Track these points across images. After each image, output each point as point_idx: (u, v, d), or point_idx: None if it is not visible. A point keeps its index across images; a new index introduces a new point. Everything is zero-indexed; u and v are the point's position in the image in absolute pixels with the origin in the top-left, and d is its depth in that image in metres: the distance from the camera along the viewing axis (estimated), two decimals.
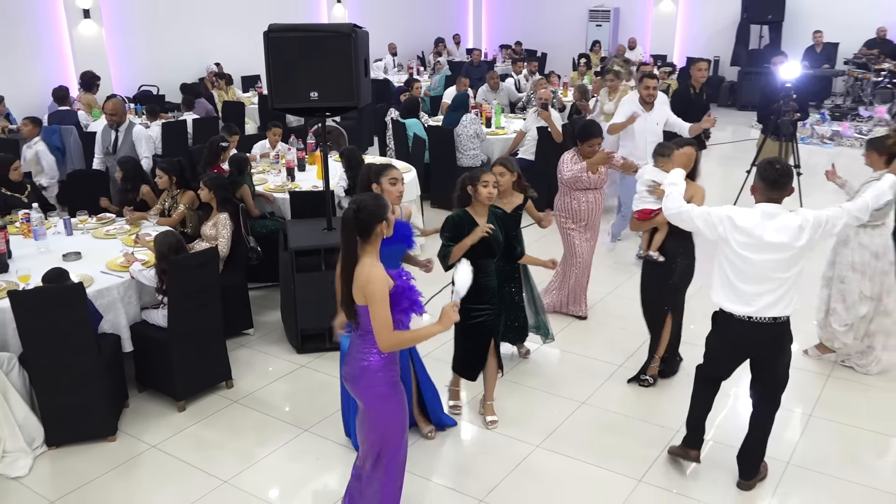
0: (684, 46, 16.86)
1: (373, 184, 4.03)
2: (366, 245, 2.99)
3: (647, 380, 4.83)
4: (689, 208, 3.67)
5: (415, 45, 17.24)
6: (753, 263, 3.45)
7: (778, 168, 3.49)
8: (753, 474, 3.84)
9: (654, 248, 4.62)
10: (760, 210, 3.47)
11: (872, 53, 13.88)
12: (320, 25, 5.36)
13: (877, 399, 4.76)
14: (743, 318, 3.53)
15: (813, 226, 3.42)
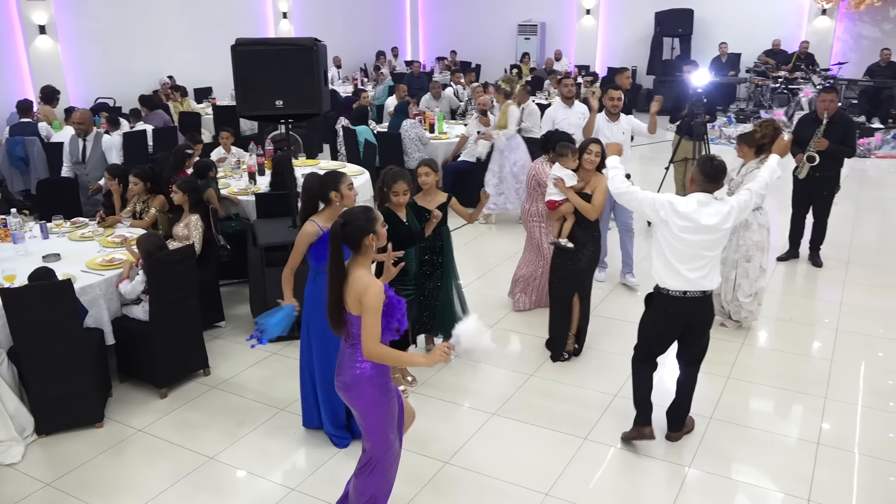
0: (605, 57, 17.43)
1: (332, 192, 3.91)
2: (358, 256, 2.96)
3: (564, 355, 5.11)
4: (634, 190, 3.93)
5: (357, 57, 17.35)
6: (689, 244, 3.74)
7: (716, 164, 3.82)
8: (680, 427, 4.16)
9: (563, 236, 4.91)
10: (695, 199, 3.77)
11: (770, 62, 14.63)
12: (284, 39, 5.52)
13: (783, 362, 5.16)
14: (679, 293, 3.81)
15: (737, 209, 3.77)
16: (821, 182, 6.63)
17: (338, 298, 2.95)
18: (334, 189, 3.90)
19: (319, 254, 3.83)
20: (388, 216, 4.30)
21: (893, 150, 11.99)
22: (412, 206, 4.65)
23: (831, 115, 6.42)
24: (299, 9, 15.94)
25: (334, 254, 2.91)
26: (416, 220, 4.62)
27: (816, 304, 6.19)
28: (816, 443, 4.16)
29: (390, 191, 4.31)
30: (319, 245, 3.83)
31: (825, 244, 6.97)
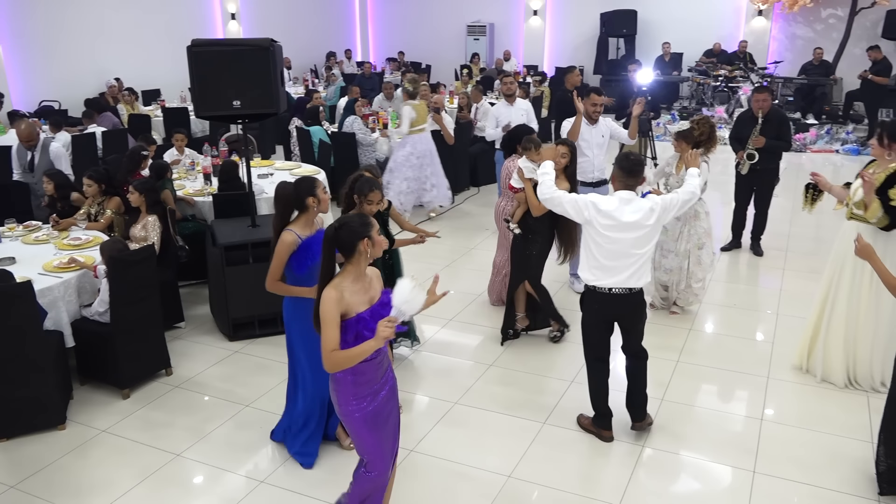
0: (552, 57, 17.74)
1: (309, 198, 3.82)
2: (348, 265, 2.88)
3: (510, 333, 5.43)
4: (560, 194, 4.03)
5: (308, 59, 17.30)
6: (615, 241, 3.86)
7: (632, 160, 3.98)
8: (643, 416, 4.24)
9: (514, 222, 5.17)
10: (618, 197, 3.91)
11: (711, 62, 15.13)
12: (240, 40, 5.55)
13: (729, 346, 5.42)
14: (605, 290, 3.94)
15: (661, 208, 3.89)
16: (761, 175, 6.95)
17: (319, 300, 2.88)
18: (310, 195, 3.80)
19: (300, 262, 3.77)
20: None
21: (827, 144, 12.54)
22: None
23: (766, 112, 6.74)
24: (248, 10, 15.84)
25: (326, 258, 2.85)
26: (382, 226, 4.56)
27: (758, 291, 6.49)
28: (760, 419, 4.41)
29: (365, 199, 4.13)
30: (299, 253, 3.76)
31: (765, 234, 7.31)
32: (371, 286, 2.95)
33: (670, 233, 5.66)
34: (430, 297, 2.85)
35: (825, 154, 12.06)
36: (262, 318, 5.49)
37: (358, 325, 2.83)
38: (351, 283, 2.85)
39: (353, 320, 2.83)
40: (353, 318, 2.83)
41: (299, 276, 3.77)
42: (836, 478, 3.85)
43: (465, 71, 15.26)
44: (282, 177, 7.19)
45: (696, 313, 5.90)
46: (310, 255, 3.73)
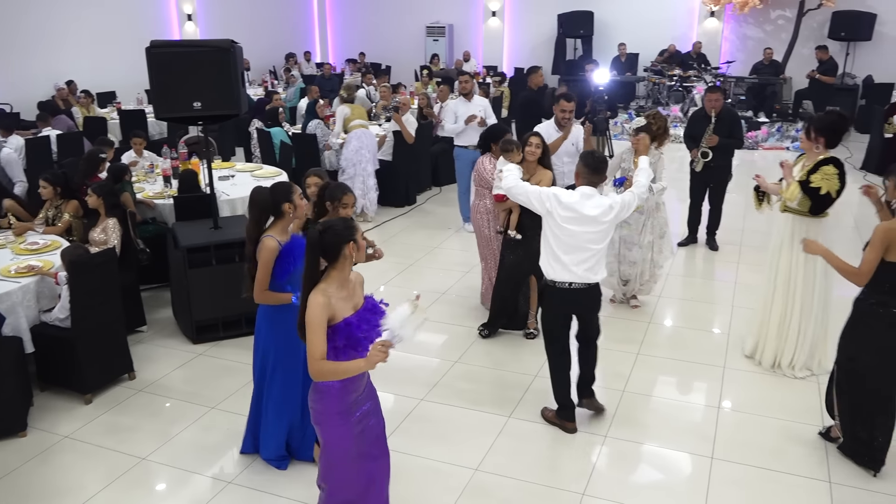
0: (511, 58, 17.91)
1: (285, 203, 3.72)
2: (332, 270, 2.82)
3: (533, 333, 5.47)
4: (523, 185, 4.15)
5: (266, 60, 17.17)
6: (574, 235, 3.97)
7: (597, 157, 4.11)
8: (591, 393, 4.40)
9: (512, 229, 5.14)
10: (580, 191, 4.03)
11: (666, 62, 15.44)
12: (200, 41, 5.52)
13: (687, 337, 5.58)
14: (566, 286, 4.06)
15: (620, 205, 4.02)
16: (715, 172, 7.15)
17: (304, 308, 2.81)
18: (287, 200, 3.71)
19: (282, 269, 3.70)
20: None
21: (778, 141, 12.91)
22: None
23: (718, 111, 6.94)
24: (204, 11, 15.67)
25: (311, 263, 2.80)
26: None
27: (714, 285, 6.68)
28: (717, 407, 4.55)
29: (339, 203, 4.01)
30: (280, 260, 3.69)
31: (720, 229, 7.51)
32: (355, 292, 2.92)
33: (633, 227, 5.79)
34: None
35: (776, 151, 12.39)
36: (227, 320, 5.47)
37: (348, 329, 2.80)
38: (336, 289, 2.81)
39: (342, 325, 2.79)
40: (340, 322, 2.79)
41: (280, 283, 3.70)
42: (789, 461, 4.00)
43: (425, 72, 15.32)
44: (243, 178, 7.16)
45: (655, 307, 6.05)
46: (291, 261, 3.68)
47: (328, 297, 2.77)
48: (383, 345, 2.67)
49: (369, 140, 8.42)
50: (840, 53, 14.69)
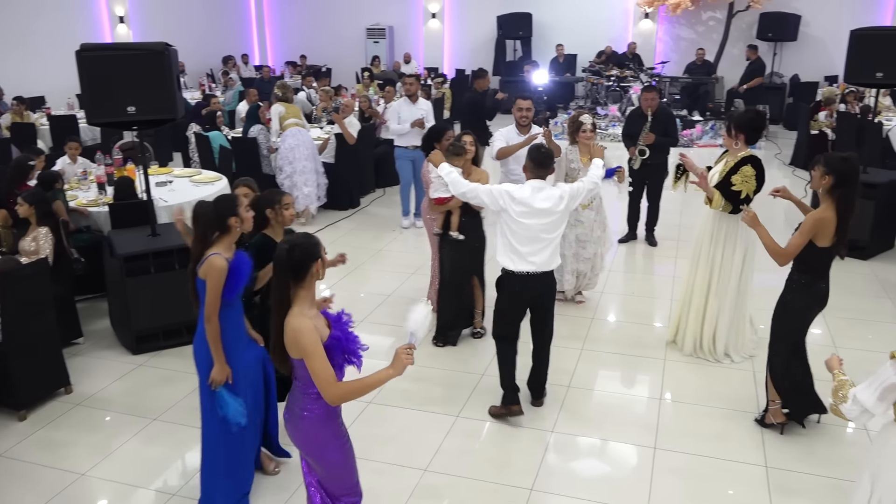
0: (452, 59, 17.98)
1: (231, 217, 3.46)
2: (299, 290, 2.67)
3: (480, 332, 5.53)
4: (474, 187, 4.24)
5: (203, 63, 16.83)
6: (528, 227, 4.09)
7: (543, 152, 4.22)
8: (542, 395, 4.59)
9: (453, 229, 5.18)
10: (530, 185, 4.14)
11: (603, 63, 15.74)
12: (133, 44, 5.38)
13: (629, 331, 5.70)
14: (523, 273, 4.16)
15: (569, 195, 4.16)
16: (652, 170, 7.32)
17: (279, 335, 2.67)
18: (233, 214, 3.45)
19: (231, 287, 3.43)
20: (267, 242, 3.92)
21: (712, 139, 13.29)
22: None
23: (654, 110, 7.12)
24: (137, 13, 15.27)
25: (280, 285, 2.66)
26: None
27: (654, 279, 6.84)
28: (659, 399, 4.67)
29: (282, 206, 3.93)
30: (229, 278, 3.42)
31: (658, 225, 7.70)
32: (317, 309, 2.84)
33: (587, 224, 5.87)
34: None
35: (710, 148, 12.75)
36: (167, 329, 5.35)
37: (342, 344, 2.74)
38: (309, 308, 2.70)
39: (333, 342, 2.71)
40: (329, 340, 2.69)
41: (228, 301, 3.45)
42: (728, 448, 4.14)
43: (366, 74, 15.26)
44: (181, 184, 7.01)
45: (598, 302, 6.16)
46: (240, 279, 3.47)
47: (311, 319, 2.66)
48: (409, 348, 2.68)
49: (305, 138, 8.38)
50: (768, 53, 15.23)
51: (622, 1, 16.58)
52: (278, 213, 3.94)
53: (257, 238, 3.97)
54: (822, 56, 15.08)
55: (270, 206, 3.94)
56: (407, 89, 8.01)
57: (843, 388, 2.75)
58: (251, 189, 4.41)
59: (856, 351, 5.06)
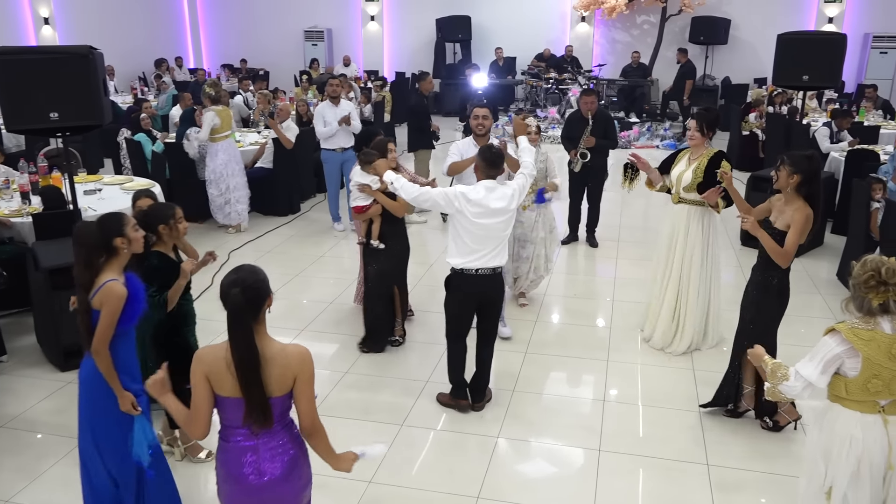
0: (392, 62, 17.91)
1: (117, 238, 3.15)
2: (260, 327, 2.49)
3: (398, 340, 5.42)
4: (426, 191, 4.21)
5: (134, 66, 16.33)
6: (485, 227, 4.12)
7: (494, 151, 4.23)
8: (482, 398, 4.57)
9: (375, 238, 5.13)
10: (483, 186, 4.15)
11: (541, 66, 15.90)
12: (55, 47, 5.16)
13: (572, 333, 5.73)
14: (473, 272, 4.18)
15: (518, 191, 4.21)
16: (592, 172, 7.40)
17: (259, 386, 2.42)
18: (119, 235, 3.13)
19: (129, 314, 3.13)
20: (162, 260, 3.74)
21: (649, 140, 13.57)
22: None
23: (594, 113, 7.19)
24: (63, 14, 14.70)
25: (244, 332, 2.41)
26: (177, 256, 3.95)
27: (596, 280, 6.91)
28: (603, 400, 4.70)
29: (175, 221, 3.71)
30: (126, 305, 3.12)
31: (599, 226, 7.79)
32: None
33: (527, 224, 5.89)
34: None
35: (647, 149, 13.01)
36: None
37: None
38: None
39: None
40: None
41: (123, 330, 3.14)
42: (670, 448, 4.18)
43: (305, 77, 15.04)
44: (111, 192, 6.76)
45: (541, 305, 6.18)
46: (138, 305, 3.17)
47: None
48: (355, 458, 2.75)
49: (237, 152, 8.15)
50: (700, 57, 15.64)
51: (559, 4, 16.79)
52: (173, 228, 3.70)
53: (152, 261, 3.68)
54: (752, 59, 15.58)
55: (164, 222, 3.67)
56: (332, 90, 7.98)
57: (781, 369, 2.82)
58: (154, 200, 4.23)
59: (790, 346, 5.18)
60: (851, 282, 2.75)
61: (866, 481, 2.74)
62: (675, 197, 5.09)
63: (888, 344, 2.64)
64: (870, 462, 2.72)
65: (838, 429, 2.78)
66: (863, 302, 2.70)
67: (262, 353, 2.43)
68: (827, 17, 15.23)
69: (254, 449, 2.52)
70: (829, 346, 2.71)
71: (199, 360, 2.49)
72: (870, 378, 2.66)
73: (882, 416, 2.73)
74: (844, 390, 2.74)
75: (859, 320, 2.71)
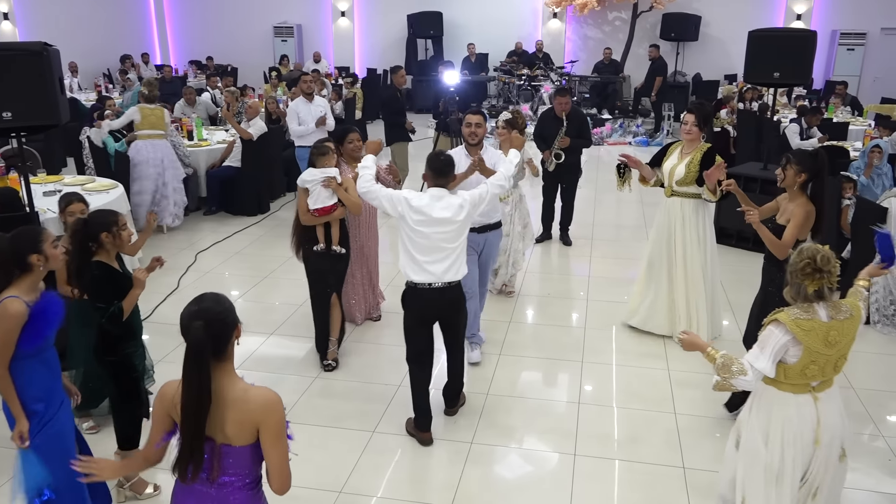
0: (363, 59, 17.74)
1: (32, 255, 2.94)
2: (226, 364, 2.23)
3: (332, 364, 4.99)
4: (377, 188, 4.01)
5: (98, 62, 15.97)
6: (426, 236, 3.90)
7: (442, 160, 4.01)
8: (455, 403, 4.45)
9: (335, 243, 4.83)
10: (430, 193, 3.95)
11: (514, 62, 15.84)
12: (6, 44, 4.93)
13: (546, 334, 5.66)
14: (425, 286, 3.96)
15: (470, 203, 3.96)
16: (566, 170, 7.34)
17: (200, 430, 2.16)
18: (33, 252, 2.91)
19: (32, 335, 2.87)
20: (105, 271, 3.46)
21: (621, 137, 13.59)
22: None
23: (568, 113, 7.13)
24: (23, 9, 14.32)
25: (200, 377, 2.13)
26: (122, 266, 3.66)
27: (571, 279, 6.85)
28: (578, 403, 4.63)
29: (119, 229, 3.43)
30: (29, 324, 2.86)
31: (573, 224, 7.74)
32: None
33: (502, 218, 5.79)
34: None
35: (619, 146, 13.02)
36: None
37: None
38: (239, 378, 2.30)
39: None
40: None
41: (26, 352, 2.88)
42: (646, 451, 4.12)
43: (274, 74, 14.83)
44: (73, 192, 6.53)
45: (515, 305, 6.11)
46: (47, 325, 2.92)
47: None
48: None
49: (161, 153, 7.76)
50: (671, 53, 15.69)
51: (531, 0, 16.74)
52: (115, 236, 3.43)
53: (95, 271, 3.43)
54: (722, 55, 15.68)
55: (106, 230, 3.41)
56: (306, 87, 7.85)
57: (735, 363, 2.88)
58: (85, 204, 4.05)
59: None
60: (789, 270, 2.86)
61: (799, 458, 2.90)
62: (667, 190, 5.17)
63: (825, 331, 2.78)
64: (802, 439, 2.89)
65: (775, 411, 2.92)
66: (799, 289, 2.83)
67: (223, 395, 2.18)
68: (795, 13, 15.38)
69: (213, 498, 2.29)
70: (776, 337, 2.82)
71: (163, 395, 2.29)
72: (808, 364, 2.81)
73: (812, 394, 2.90)
74: (783, 375, 2.87)
75: (800, 310, 2.82)
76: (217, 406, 2.17)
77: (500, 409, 4.57)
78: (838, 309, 2.84)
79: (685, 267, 5.18)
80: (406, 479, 3.94)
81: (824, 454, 2.93)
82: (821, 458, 2.92)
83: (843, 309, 2.85)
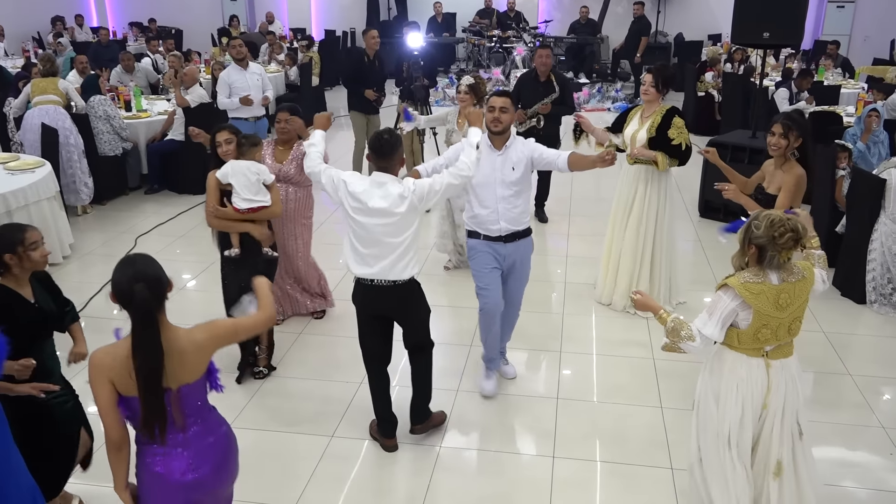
0: (320, 20, 17.30)
1: (7, 255, 2.91)
2: (163, 318, 2.42)
3: (262, 371, 4.70)
4: (321, 168, 3.74)
5: (27, 26, 15.34)
6: (365, 227, 3.60)
7: (384, 140, 3.63)
8: (423, 419, 4.08)
9: (236, 245, 4.49)
10: (372, 179, 3.63)
11: (484, 22, 15.54)
12: None
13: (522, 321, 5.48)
14: (367, 280, 3.69)
15: (416, 195, 3.59)
16: (544, 141, 7.08)
17: (159, 385, 2.36)
18: (8, 251, 2.87)
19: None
20: (8, 297, 2.99)
21: (599, 103, 13.42)
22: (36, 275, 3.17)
23: (549, 70, 6.92)
24: None
25: (152, 334, 2.34)
26: (48, 294, 3.24)
27: (547, 260, 6.69)
28: (556, 398, 4.49)
29: (27, 247, 2.97)
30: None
31: (549, 200, 7.58)
32: None
33: None
34: None
35: (598, 112, 12.86)
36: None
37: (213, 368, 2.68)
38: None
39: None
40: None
41: None
42: (630, 451, 4.01)
43: (224, 37, 14.37)
44: None
45: None
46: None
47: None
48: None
49: (54, 119, 7.37)
50: (652, 11, 15.49)
51: None
52: (23, 256, 2.98)
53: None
54: (706, 14, 15.56)
55: (10, 251, 2.94)
56: (236, 52, 7.50)
57: (684, 328, 2.97)
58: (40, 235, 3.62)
59: None
60: (758, 241, 2.86)
61: (748, 421, 3.00)
62: (629, 158, 5.25)
63: (775, 294, 2.86)
64: (752, 402, 2.99)
65: (726, 372, 3.02)
66: (772, 259, 2.86)
67: (171, 347, 2.39)
68: None
69: (189, 438, 2.52)
70: (724, 302, 2.90)
71: (100, 364, 2.38)
72: (759, 328, 2.89)
73: (765, 360, 2.98)
74: (736, 340, 2.96)
75: (751, 273, 2.89)
76: (169, 358, 2.37)
77: (471, 406, 4.42)
78: (790, 271, 2.92)
79: (638, 234, 5.31)
80: (368, 487, 3.78)
81: (775, 422, 3.01)
82: (770, 425, 3.01)
83: (795, 271, 2.93)
